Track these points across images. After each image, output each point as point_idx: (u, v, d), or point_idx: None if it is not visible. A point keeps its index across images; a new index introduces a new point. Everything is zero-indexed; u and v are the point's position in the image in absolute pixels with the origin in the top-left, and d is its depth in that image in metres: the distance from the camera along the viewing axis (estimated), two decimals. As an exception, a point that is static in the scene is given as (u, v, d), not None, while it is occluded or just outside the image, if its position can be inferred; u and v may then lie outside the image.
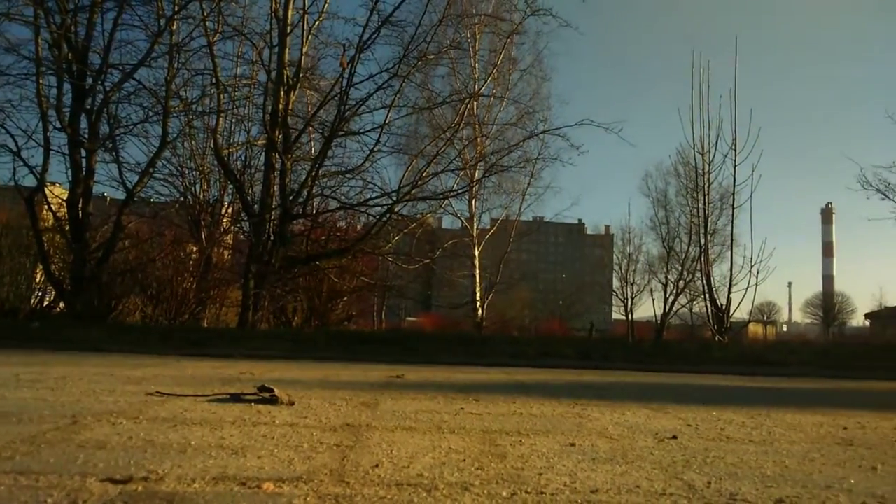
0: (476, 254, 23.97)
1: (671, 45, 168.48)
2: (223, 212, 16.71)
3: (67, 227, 11.31)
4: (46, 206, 12.06)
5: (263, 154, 13.39)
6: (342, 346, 8.71)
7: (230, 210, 17.03)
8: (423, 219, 16.01)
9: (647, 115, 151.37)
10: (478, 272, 24.21)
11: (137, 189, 12.03)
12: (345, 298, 15.21)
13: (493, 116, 21.79)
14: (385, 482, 1.94)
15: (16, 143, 10.99)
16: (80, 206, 11.17)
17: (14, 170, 11.03)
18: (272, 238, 12.34)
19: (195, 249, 14.32)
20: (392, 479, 1.98)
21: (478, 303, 24.21)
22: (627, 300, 39.83)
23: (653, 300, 31.56)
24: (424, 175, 14.00)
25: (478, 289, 24.20)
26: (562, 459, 2.39)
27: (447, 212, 23.10)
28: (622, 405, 4.03)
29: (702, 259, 19.86)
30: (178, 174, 15.40)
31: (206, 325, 12.77)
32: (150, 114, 12.14)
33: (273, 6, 12.79)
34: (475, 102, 19.15)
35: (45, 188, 11.62)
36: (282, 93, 12.53)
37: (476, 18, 18.86)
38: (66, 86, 11.19)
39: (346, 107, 12.56)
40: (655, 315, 29.82)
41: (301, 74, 13.06)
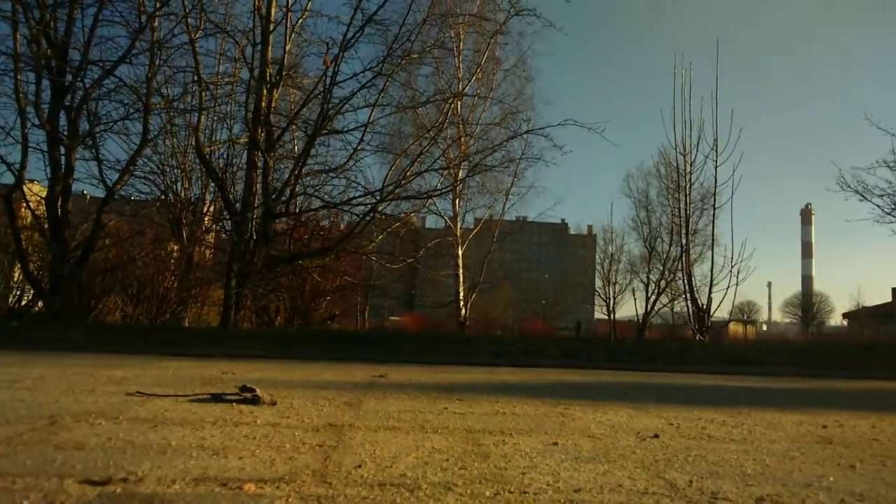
0: (459, 253, 23.94)
1: (654, 47, 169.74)
2: (205, 210, 16.57)
3: (46, 226, 11.15)
4: (25, 204, 11.89)
5: (246, 152, 13.30)
6: (325, 346, 8.67)
7: (212, 208, 16.89)
8: (407, 218, 16.00)
9: (630, 116, 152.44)
10: (461, 272, 24.19)
11: (118, 187, 11.91)
12: (328, 298, 15.16)
13: (477, 116, 21.79)
14: (368, 482, 1.93)
15: (-7, 140, 10.83)
16: (59, 204, 11.03)
17: (-9, 167, 10.88)
18: (254, 237, 12.26)
19: (176, 248, 14.21)
20: (375, 479, 1.97)
21: (461, 302, 24.19)
22: (610, 300, 39.99)
23: (635, 300, 31.74)
24: (408, 174, 13.98)
25: (461, 288, 24.18)
26: (545, 459, 2.39)
27: (431, 211, 23.04)
28: (604, 404, 4.05)
29: (683, 259, 20.04)
30: (160, 172, 15.27)
31: (188, 325, 12.67)
32: (131, 111, 12.02)
33: (256, 3, 12.70)
34: (459, 102, 19.15)
35: (24, 186, 11.43)
36: (264, 91, 12.45)
37: (460, 18, 18.85)
38: (45, 82, 11.05)
39: (330, 105, 12.52)
40: (637, 314, 30.02)
41: (284, 72, 12.99)
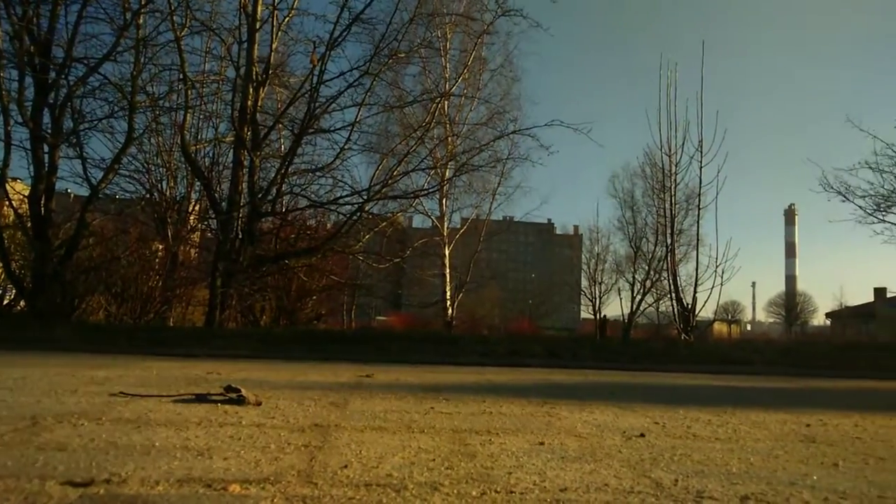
0: (446, 253, 23.97)
1: (640, 48, 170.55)
2: (190, 209, 16.47)
3: (29, 224, 11.02)
4: (7, 203, 11.74)
5: (232, 151, 13.24)
6: (311, 346, 8.64)
7: (197, 208, 16.79)
8: (394, 218, 15.98)
9: (616, 117, 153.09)
10: (448, 271, 24.21)
11: (102, 186, 11.80)
12: (314, 297, 15.11)
13: (464, 116, 21.83)
14: (354, 483, 1.93)
15: (-25, 139, 10.69)
16: (43, 203, 10.91)
17: (-27, 166, 10.75)
18: (240, 236, 12.20)
19: (161, 247, 14.10)
20: (361, 480, 1.96)
21: (448, 302, 24.22)
22: (595, 299, 40.23)
23: (620, 299, 31.93)
24: (395, 174, 13.97)
25: (448, 288, 24.20)
26: (531, 458, 2.40)
27: (418, 211, 23.09)
28: (590, 404, 4.06)
29: (668, 259, 20.10)
30: (144, 171, 15.16)
31: (172, 325, 12.58)
32: (116, 109, 11.89)
33: (242, 1, 12.62)
34: (446, 102, 19.16)
35: (6, 184, 11.30)
36: (251, 89, 12.40)
37: (447, 18, 18.86)
38: (28, 79, 10.92)
39: (317, 104, 12.47)
40: (623, 314, 30.13)
41: (271, 71, 12.94)
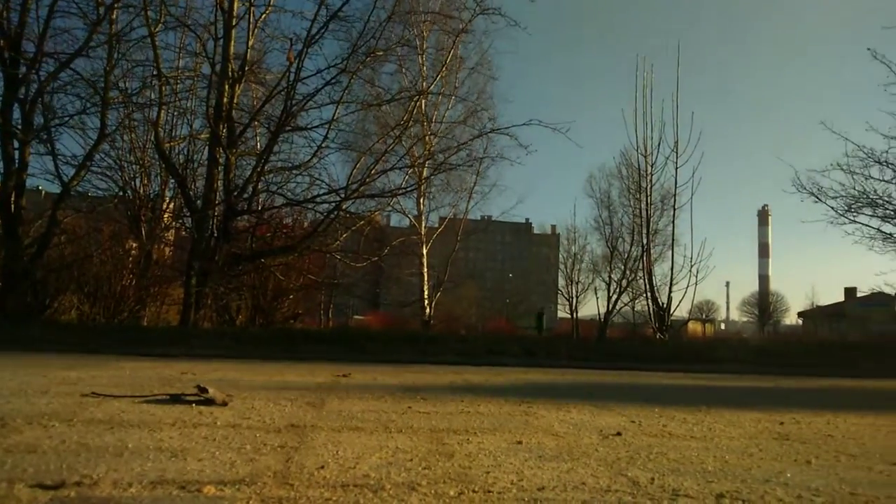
0: (424, 252, 23.96)
1: (617, 48, 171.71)
2: (164, 207, 16.25)
3: (-1, 222, 10.84)
4: (-24, 200, 11.53)
5: (207, 148, 13.08)
6: (287, 345, 8.58)
7: (172, 205, 16.57)
8: (371, 216, 15.92)
9: (595, 116, 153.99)
10: (426, 270, 24.21)
11: (74, 183, 11.60)
12: (291, 296, 14.99)
13: (441, 115, 21.83)
14: (330, 483, 1.91)
15: (-58, 134, 10.47)
16: (13, 200, 10.72)
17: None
18: (216, 234, 12.07)
19: (135, 246, 13.90)
20: (338, 480, 1.95)
21: (426, 301, 24.21)
22: (572, 299, 40.46)
23: (597, 299, 32.15)
24: (372, 172, 13.90)
25: (426, 287, 24.19)
26: (509, 457, 2.40)
27: (395, 210, 23.04)
28: (567, 403, 4.08)
29: (644, 259, 20.29)
30: (118, 168, 14.89)
31: (146, 324, 12.42)
32: (88, 105, 11.72)
33: (218, -3, 12.50)
34: (423, 100, 19.12)
35: (-25, 181, 11.10)
36: (226, 86, 12.26)
37: (424, 16, 18.84)
38: (-2, 74, 10.72)
39: (293, 102, 12.37)
40: (599, 313, 30.34)
41: (247, 68, 12.81)
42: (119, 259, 12.65)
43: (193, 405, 3.29)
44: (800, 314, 69.24)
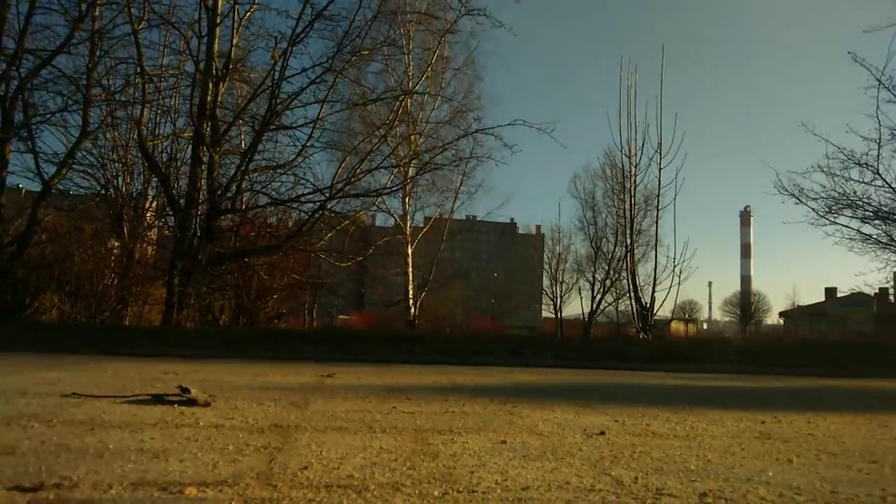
0: (409, 252, 23.98)
1: (602, 50, 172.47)
2: (147, 206, 16.11)
3: (-22, 220, 10.71)
4: (-45, 198, 11.37)
5: (190, 147, 12.99)
6: (271, 345, 8.54)
7: (154, 204, 16.43)
8: (356, 216, 15.90)
9: (578, 118, 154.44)
10: (411, 270, 24.22)
11: (55, 181, 11.49)
12: (275, 296, 14.94)
13: (427, 115, 21.85)
14: (314, 484, 1.90)
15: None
16: (-8, 198, 10.61)
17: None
18: (199, 234, 12.00)
19: (117, 245, 13.78)
20: (321, 481, 1.94)
21: (411, 301, 24.23)
22: (557, 298, 40.54)
23: (581, 298, 32.22)
24: (358, 172, 13.90)
25: (410, 287, 24.21)
26: (493, 457, 2.40)
27: (380, 209, 23.09)
28: (552, 402, 4.09)
29: (627, 259, 20.43)
30: (100, 166, 14.76)
31: (128, 324, 12.30)
32: (70, 102, 11.63)
33: (202, -5, 12.41)
34: (409, 100, 19.12)
35: (-46, 179, 10.95)
36: (210, 84, 12.18)
37: (410, 16, 18.83)
38: (-23, 71, 10.59)
39: (278, 100, 12.33)
40: (583, 313, 30.42)
41: (231, 66, 12.75)
42: (101, 258, 12.54)
43: (176, 406, 3.26)
44: (781, 314, 70.00)
